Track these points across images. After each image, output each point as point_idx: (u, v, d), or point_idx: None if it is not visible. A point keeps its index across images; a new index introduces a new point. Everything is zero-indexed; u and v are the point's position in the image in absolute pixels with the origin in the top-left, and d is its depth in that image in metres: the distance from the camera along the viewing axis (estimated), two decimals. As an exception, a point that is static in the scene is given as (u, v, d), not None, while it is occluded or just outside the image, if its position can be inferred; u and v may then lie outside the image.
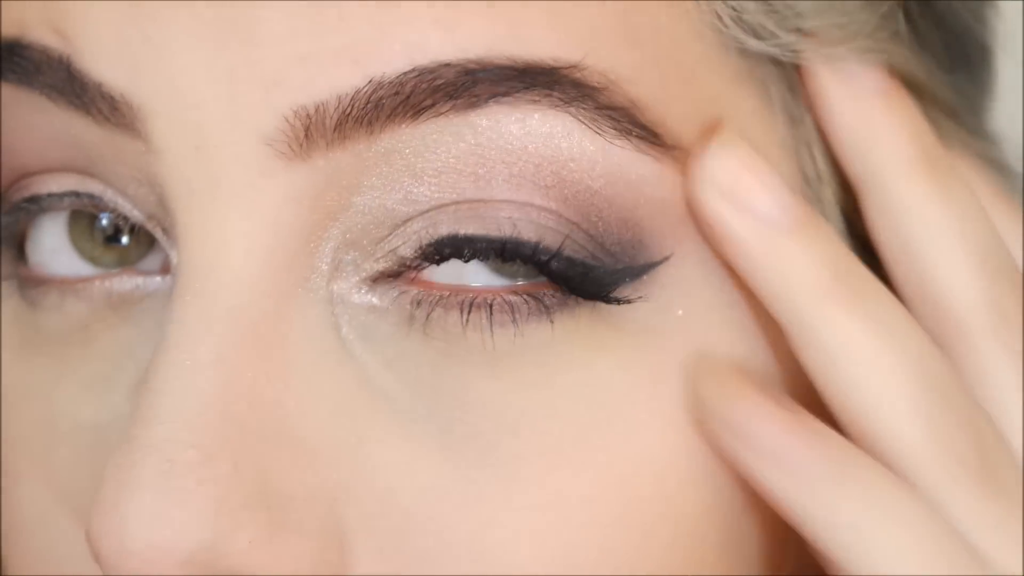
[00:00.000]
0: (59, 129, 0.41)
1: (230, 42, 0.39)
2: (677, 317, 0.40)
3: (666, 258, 0.40)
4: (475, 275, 0.40)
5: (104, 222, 0.43)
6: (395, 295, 0.40)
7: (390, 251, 0.40)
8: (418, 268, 0.40)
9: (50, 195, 0.42)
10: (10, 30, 0.41)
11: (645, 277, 0.40)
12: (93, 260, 0.43)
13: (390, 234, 0.40)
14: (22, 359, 0.44)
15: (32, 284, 0.44)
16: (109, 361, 0.42)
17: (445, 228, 0.39)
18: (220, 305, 0.39)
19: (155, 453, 0.38)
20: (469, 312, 0.39)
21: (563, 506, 0.39)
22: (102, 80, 0.40)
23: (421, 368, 0.40)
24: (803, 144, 0.43)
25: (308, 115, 0.39)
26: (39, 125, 0.41)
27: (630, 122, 0.39)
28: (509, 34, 0.38)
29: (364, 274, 0.40)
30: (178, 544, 0.37)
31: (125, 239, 0.43)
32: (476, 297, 0.39)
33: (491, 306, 0.39)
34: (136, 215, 0.42)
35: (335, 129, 0.39)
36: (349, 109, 0.38)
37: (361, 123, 0.39)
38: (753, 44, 0.41)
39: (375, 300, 0.40)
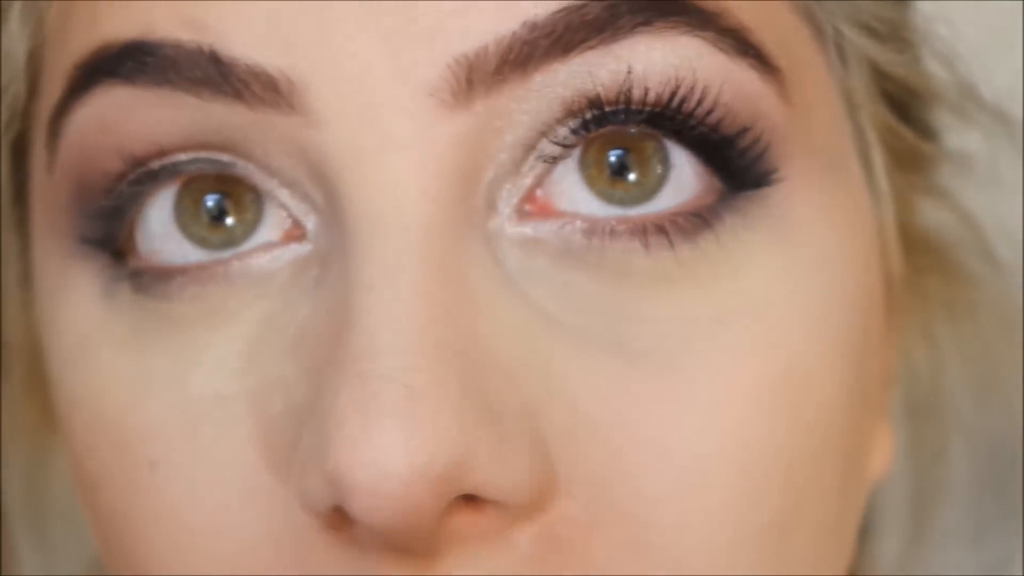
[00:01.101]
0: (194, 121, 0.42)
1: (387, 9, 0.41)
2: (807, 214, 0.44)
3: (776, 169, 0.44)
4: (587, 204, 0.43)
5: (210, 203, 0.44)
6: (550, 227, 0.42)
7: (539, 157, 0.42)
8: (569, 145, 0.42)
9: (175, 163, 0.43)
10: (129, 30, 0.42)
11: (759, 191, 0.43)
12: (202, 242, 0.44)
13: (536, 147, 0.42)
14: (138, 351, 0.44)
15: (152, 274, 0.44)
16: (247, 336, 0.43)
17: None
18: (408, 243, 0.40)
19: (391, 383, 0.39)
20: (637, 237, 0.42)
21: (736, 402, 0.42)
22: (256, 63, 0.41)
23: (587, 294, 0.42)
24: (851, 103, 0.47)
25: (469, 62, 0.40)
26: (168, 120, 0.42)
27: (743, 42, 0.43)
28: None
29: (514, 208, 0.42)
30: (433, 464, 0.38)
31: (230, 220, 0.44)
32: (635, 225, 0.42)
33: (644, 231, 0.42)
34: (269, 186, 0.43)
35: (494, 73, 0.41)
36: (507, 53, 0.41)
37: (517, 65, 0.41)
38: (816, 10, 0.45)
39: (529, 231, 0.43)
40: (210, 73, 0.41)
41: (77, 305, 0.46)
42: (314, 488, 0.40)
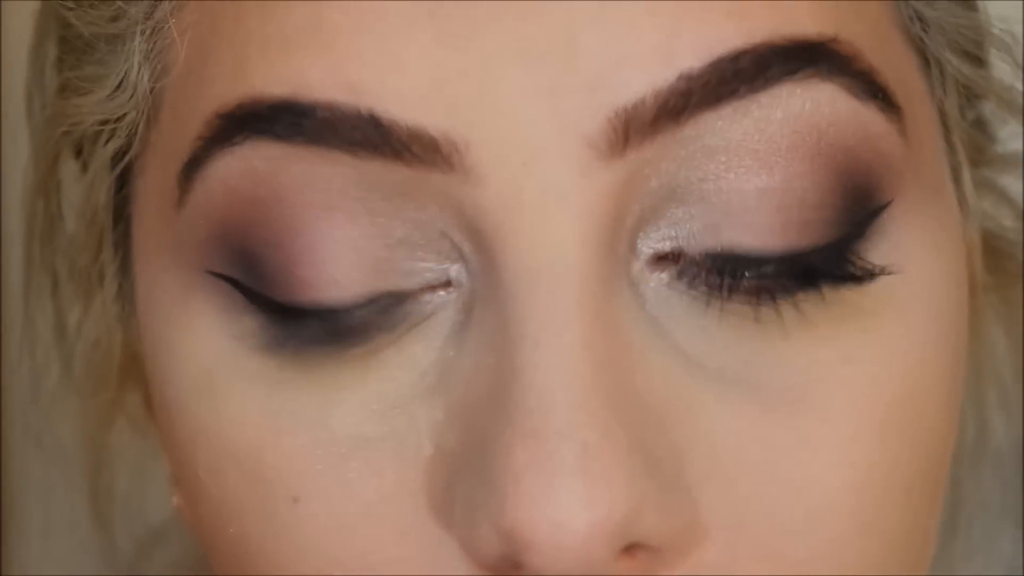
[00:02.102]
0: (347, 177, 0.43)
1: (549, 56, 0.41)
2: (916, 244, 0.45)
3: (890, 202, 0.45)
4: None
5: None
6: (684, 273, 0.43)
7: (674, 240, 0.43)
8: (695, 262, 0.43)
9: (346, 306, 0.43)
10: (281, 88, 0.42)
11: (875, 223, 0.45)
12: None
13: (671, 210, 0.43)
14: (273, 385, 0.44)
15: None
16: (389, 377, 0.43)
17: (720, 237, 0.43)
18: (570, 296, 0.41)
19: (567, 440, 0.40)
20: (776, 307, 0.43)
21: (863, 437, 0.44)
22: (417, 124, 0.41)
23: (722, 338, 0.43)
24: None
25: (627, 114, 0.41)
26: (322, 178, 0.43)
27: (872, 85, 0.44)
28: (784, 18, 0.42)
29: (651, 253, 0.43)
30: (610, 519, 0.40)
31: None
32: (774, 288, 0.43)
33: (790, 294, 0.43)
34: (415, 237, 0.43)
35: (649, 124, 0.41)
36: (664, 104, 0.41)
37: (671, 116, 0.41)
38: (915, 30, 0.47)
39: (665, 277, 0.43)
40: (369, 135, 0.41)
41: (202, 335, 0.45)
42: (484, 539, 0.41)
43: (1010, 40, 0.52)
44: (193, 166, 0.44)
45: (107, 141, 0.48)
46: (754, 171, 0.43)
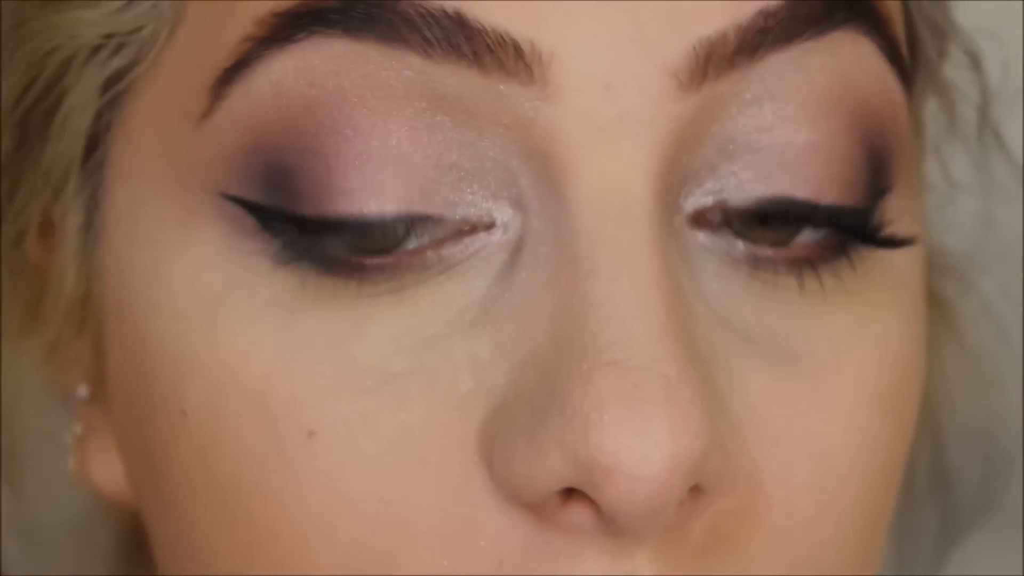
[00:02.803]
0: (412, 82, 0.42)
1: None
2: (906, 226, 0.46)
3: (893, 184, 0.46)
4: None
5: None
6: (716, 242, 0.43)
7: (721, 192, 0.43)
8: (737, 228, 0.43)
9: (383, 221, 0.42)
10: None
11: (883, 200, 0.45)
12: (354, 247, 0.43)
13: (722, 166, 0.43)
14: (287, 316, 0.43)
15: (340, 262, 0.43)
16: (423, 313, 0.43)
17: (775, 187, 0.43)
18: (642, 232, 0.41)
19: (650, 372, 0.40)
20: (800, 275, 0.44)
21: (866, 404, 0.44)
22: (504, 29, 0.41)
23: (747, 302, 0.44)
24: None
25: (710, 45, 0.41)
26: (387, 81, 0.42)
27: (897, 53, 0.45)
28: None
29: (691, 211, 0.43)
30: (690, 454, 0.40)
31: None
32: (800, 257, 0.44)
33: (813, 263, 0.44)
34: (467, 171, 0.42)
35: (728, 59, 0.42)
36: (743, 39, 0.42)
37: (748, 51, 0.42)
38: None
39: (701, 239, 0.43)
40: (450, 35, 0.41)
41: (205, 263, 0.44)
42: (551, 468, 0.40)
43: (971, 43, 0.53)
44: (236, 70, 0.43)
45: (108, 59, 0.46)
46: (804, 124, 0.43)
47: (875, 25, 0.44)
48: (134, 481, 0.48)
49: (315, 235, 0.42)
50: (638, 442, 0.39)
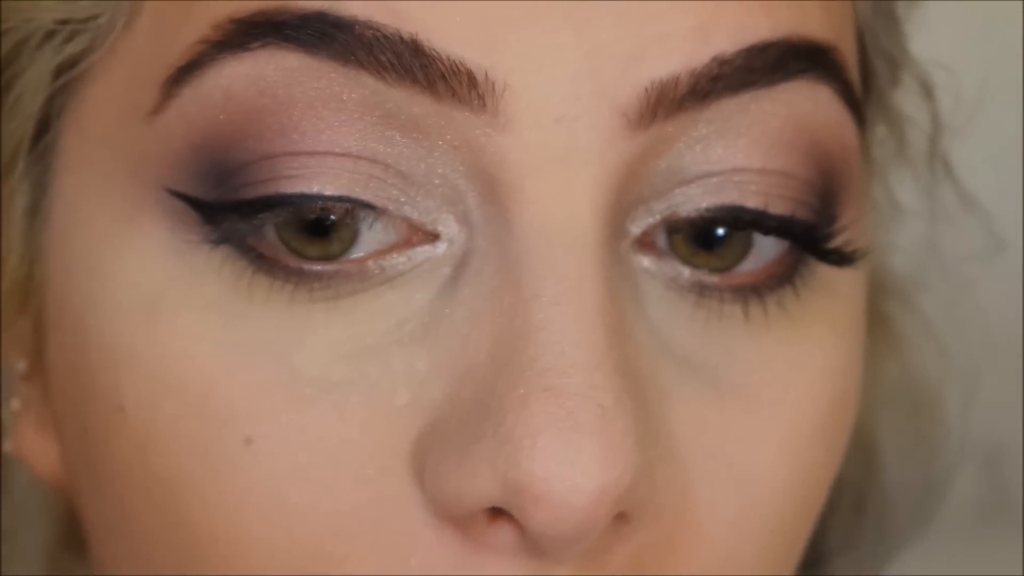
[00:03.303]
0: (364, 101, 0.42)
1: (596, 21, 0.42)
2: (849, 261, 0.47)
3: (840, 223, 0.46)
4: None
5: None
6: (661, 267, 0.44)
7: (669, 209, 0.44)
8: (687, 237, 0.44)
9: (323, 202, 0.42)
10: (325, 4, 0.42)
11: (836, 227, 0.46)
12: (297, 252, 0.43)
13: (673, 191, 0.44)
14: (231, 316, 0.43)
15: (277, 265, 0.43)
16: (364, 323, 0.43)
17: (725, 197, 0.44)
18: (588, 260, 0.42)
19: (586, 401, 0.40)
20: (745, 302, 0.45)
21: (802, 434, 0.45)
22: (460, 57, 0.41)
23: (690, 329, 0.44)
24: None
25: (661, 88, 0.42)
26: (337, 98, 0.42)
27: (853, 97, 0.46)
28: (803, 19, 0.44)
29: (637, 234, 0.44)
30: (620, 484, 0.40)
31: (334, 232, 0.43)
32: (746, 285, 0.45)
33: (758, 291, 0.45)
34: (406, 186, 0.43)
35: (678, 102, 0.42)
36: (695, 84, 0.42)
37: (699, 96, 0.42)
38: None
39: (646, 264, 0.44)
40: (405, 60, 0.41)
41: (147, 257, 0.44)
42: (480, 488, 0.41)
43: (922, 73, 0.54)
44: (188, 71, 0.43)
45: (62, 44, 0.46)
46: (756, 156, 0.44)
47: (831, 72, 0.44)
48: (69, 466, 0.48)
49: (254, 219, 0.42)
50: (568, 471, 0.40)
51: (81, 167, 0.46)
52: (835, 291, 0.46)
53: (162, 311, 0.43)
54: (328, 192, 0.42)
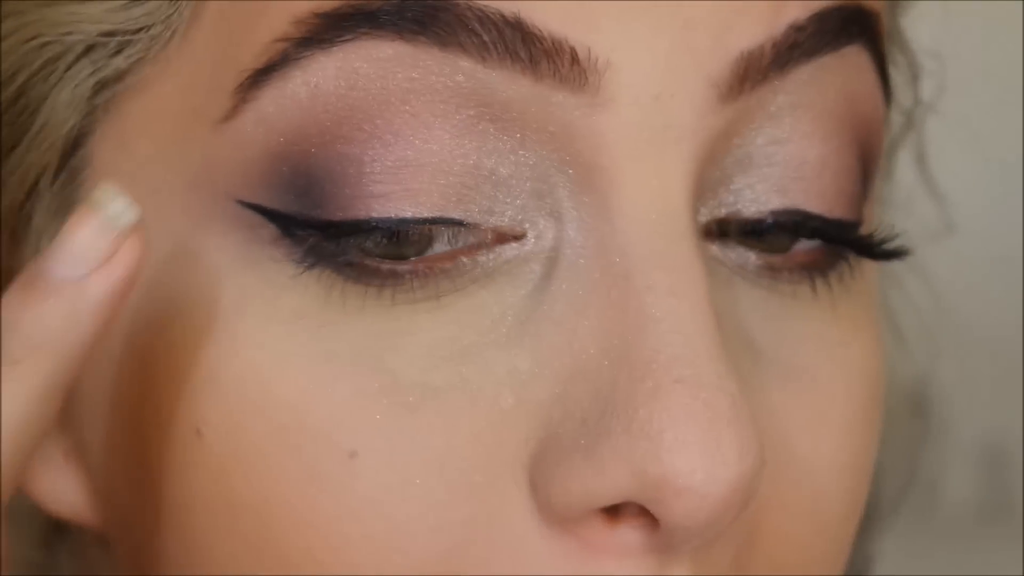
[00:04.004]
0: (459, 87, 0.41)
1: None
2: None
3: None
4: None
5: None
6: (727, 254, 0.43)
7: (734, 205, 0.43)
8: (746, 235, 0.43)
9: (416, 225, 0.41)
10: None
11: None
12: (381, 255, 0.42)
13: (738, 180, 0.43)
14: (320, 327, 0.41)
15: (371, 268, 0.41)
16: (459, 323, 0.41)
17: (789, 199, 0.43)
18: (690, 245, 0.41)
19: (719, 390, 0.40)
20: (811, 280, 0.44)
21: (856, 416, 0.44)
22: (563, 35, 0.40)
23: (750, 310, 0.43)
24: None
25: (749, 58, 0.42)
26: (435, 87, 0.41)
27: (886, 67, 0.46)
28: None
29: (704, 222, 0.43)
30: (756, 470, 0.40)
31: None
32: (807, 263, 0.44)
33: (821, 269, 0.44)
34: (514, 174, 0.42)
35: (763, 72, 0.42)
36: (777, 52, 0.42)
37: (779, 65, 0.42)
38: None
39: (713, 250, 0.43)
40: (508, 40, 0.40)
41: (218, 273, 0.42)
42: (613, 485, 0.40)
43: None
44: (268, 71, 0.41)
45: (105, 58, 0.43)
46: (816, 138, 0.43)
47: (874, 40, 0.44)
48: (108, 503, 0.46)
49: (343, 240, 0.41)
50: (710, 462, 0.39)
51: (126, 184, 0.42)
52: (864, 271, 0.46)
53: (241, 327, 0.41)
54: (419, 216, 0.40)
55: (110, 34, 0.42)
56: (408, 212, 0.40)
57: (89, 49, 0.43)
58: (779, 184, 0.43)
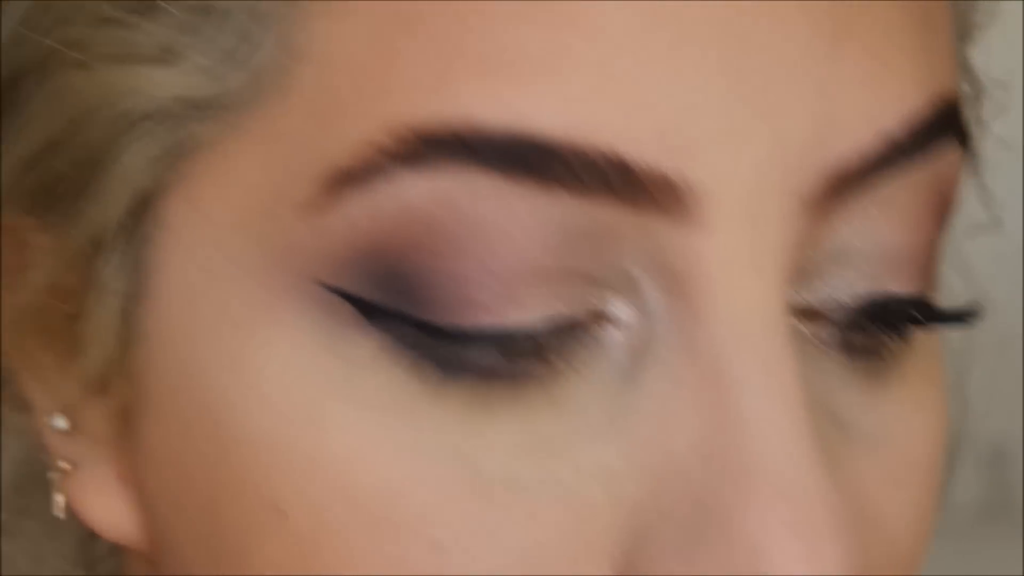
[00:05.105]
0: (551, 218, 0.40)
1: (779, 108, 0.41)
2: None
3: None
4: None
5: None
6: (813, 328, 0.43)
7: (826, 291, 0.43)
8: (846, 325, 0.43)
9: (522, 331, 0.41)
10: (506, 117, 0.40)
11: None
12: None
13: (832, 270, 0.43)
14: (404, 415, 0.41)
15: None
16: (543, 418, 0.41)
17: (879, 284, 0.43)
18: (782, 347, 0.41)
19: (821, 503, 0.40)
20: (881, 354, 0.44)
21: (926, 482, 0.45)
22: (660, 167, 0.40)
23: (835, 383, 0.43)
24: None
25: (839, 173, 0.41)
26: (532, 219, 0.40)
27: (971, 143, 0.46)
28: (947, 80, 0.43)
29: (796, 304, 0.43)
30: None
31: None
32: (883, 336, 0.44)
33: (893, 340, 0.44)
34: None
35: (851, 184, 0.42)
36: (867, 165, 0.42)
37: (869, 176, 0.42)
38: None
39: (800, 326, 0.43)
40: (607, 176, 0.40)
41: (297, 352, 0.41)
42: None
43: None
44: (357, 176, 0.40)
45: (178, 126, 0.42)
46: (907, 231, 0.43)
47: (962, 127, 0.44)
48: (167, 544, 0.46)
49: (439, 339, 0.40)
50: (822, 567, 0.39)
51: (200, 248, 0.43)
52: (934, 336, 0.46)
53: (323, 410, 0.41)
54: (521, 323, 0.40)
55: (190, 102, 0.42)
56: (512, 321, 0.40)
57: (162, 115, 0.42)
58: (871, 273, 0.43)
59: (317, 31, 0.41)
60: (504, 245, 0.40)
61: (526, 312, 0.40)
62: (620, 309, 0.41)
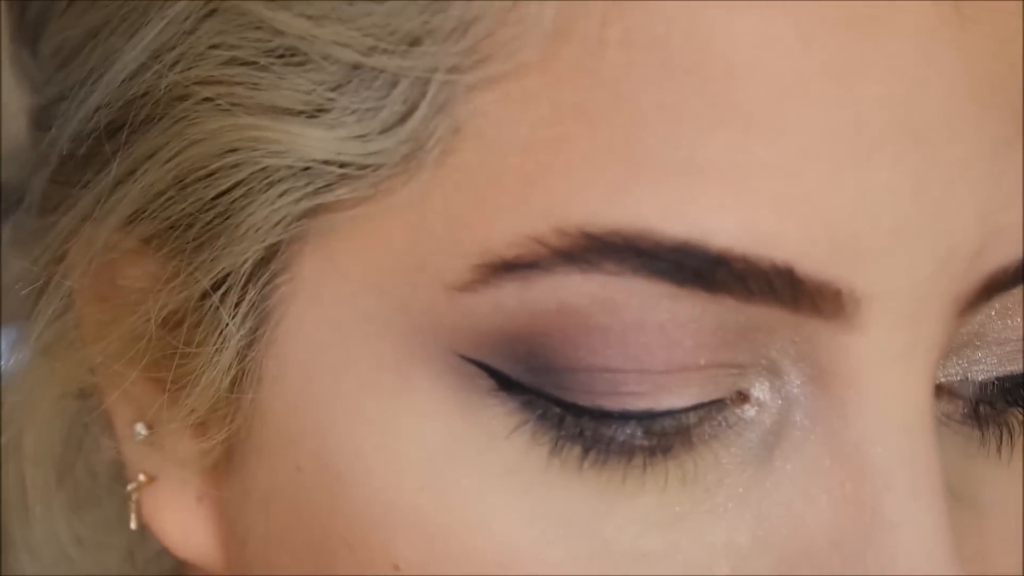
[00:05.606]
0: (722, 321, 0.40)
1: (948, 222, 0.41)
2: None
3: None
4: None
5: None
6: (939, 405, 0.43)
7: (962, 372, 0.43)
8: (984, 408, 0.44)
9: (670, 416, 0.41)
10: (680, 229, 0.39)
11: None
12: None
13: (969, 352, 0.43)
14: (532, 485, 0.41)
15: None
16: (670, 491, 0.41)
17: (1014, 366, 0.44)
18: (929, 447, 0.41)
19: None
20: (988, 425, 0.44)
21: (1017, 543, 0.45)
22: (827, 278, 0.40)
23: (955, 457, 0.44)
24: None
25: (994, 279, 0.42)
26: (693, 317, 0.40)
27: None
28: None
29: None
30: None
31: None
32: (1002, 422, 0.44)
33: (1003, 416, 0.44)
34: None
35: (1007, 285, 0.42)
36: (1018, 271, 0.42)
37: (1017, 281, 0.42)
38: None
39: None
40: (775, 287, 0.39)
41: (427, 414, 0.41)
42: None
43: None
44: (516, 267, 0.40)
45: (322, 188, 0.41)
46: None
47: None
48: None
49: (581, 416, 0.40)
50: None
51: (333, 303, 0.42)
52: None
53: (451, 473, 0.41)
54: (674, 408, 0.40)
55: (339, 163, 0.41)
56: (664, 406, 0.40)
57: (312, 173, 0.41)
58: (1004, 354, 0.44)
59: (488, 110, 0.40)
60: (662, 346, 0.40)
61: (674, 399, 0.40)
62: (760, 390, 0.41)
